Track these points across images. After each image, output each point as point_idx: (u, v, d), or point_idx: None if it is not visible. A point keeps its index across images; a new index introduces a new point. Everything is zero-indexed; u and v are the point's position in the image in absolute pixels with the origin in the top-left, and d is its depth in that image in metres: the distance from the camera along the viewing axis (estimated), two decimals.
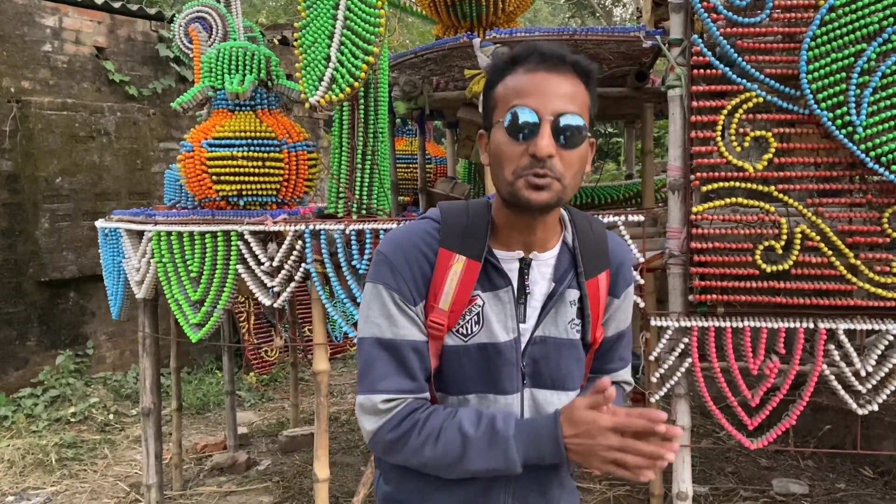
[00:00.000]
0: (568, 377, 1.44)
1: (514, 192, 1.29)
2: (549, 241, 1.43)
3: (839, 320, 2.63)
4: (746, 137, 2.61)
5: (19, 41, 5.95)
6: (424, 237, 1.40)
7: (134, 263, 3.44)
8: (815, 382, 2.70)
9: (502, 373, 1.39)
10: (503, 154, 1.30)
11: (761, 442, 2.80)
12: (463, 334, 1.39)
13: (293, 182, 3.39)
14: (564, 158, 1.28)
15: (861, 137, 2.50)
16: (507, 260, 1.40)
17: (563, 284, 1.42)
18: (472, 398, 1.40)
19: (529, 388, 1.42)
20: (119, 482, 4.57)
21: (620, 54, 3.14)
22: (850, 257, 2.58)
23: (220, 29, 3.93)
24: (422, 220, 1.45)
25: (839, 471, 4.35)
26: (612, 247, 1.51)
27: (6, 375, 5.85)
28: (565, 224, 1.47)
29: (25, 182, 5.97)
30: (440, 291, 1.38)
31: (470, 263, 1.37)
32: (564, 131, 1.27)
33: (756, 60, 2.60)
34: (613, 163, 11.22)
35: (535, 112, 1.27)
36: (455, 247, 1.38)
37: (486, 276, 1.39)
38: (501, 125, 1.30)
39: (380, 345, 1.37)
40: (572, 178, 1.31)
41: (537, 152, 1.25)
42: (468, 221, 1.41)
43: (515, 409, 1.40)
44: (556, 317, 1.42)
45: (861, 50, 2.48)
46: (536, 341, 1.42)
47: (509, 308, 1.40)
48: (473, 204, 1.45)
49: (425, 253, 1.39)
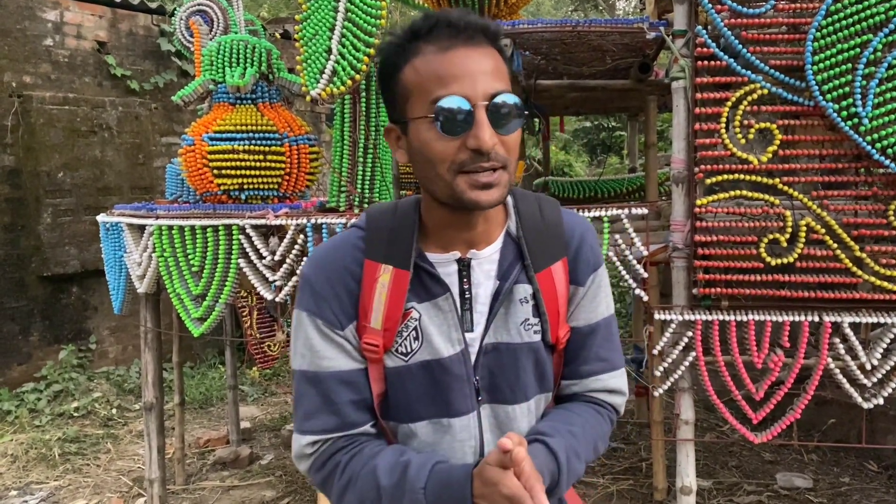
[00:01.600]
0: (529, 385, 1.28)
1: (457, 194, 1.13)
2: (493, 233, 1.27)
3: (844, 313, 2.61)
4: (751, 129, 2.59)
5: (20, 35, 5.93)
6: (348, 250, 1.25)
7: (135, 258, 3.43)
8: (820, 376, 2.69)
9: (452, 391, 1.23)
10: (434, 152, 1.13)
11: (765, 436, 2.79)
12: (403, 353, 1.24)
13: (295, 176, 3.38)
14: (506, 143, 1.14)
15: (867, 129, 2.48)
16: (443, 263, 1.24)
17: (508, 281, 1.24)
18: (424, 426, 1.24)
19: (488, 405, 1.26)
20: (122, 476, 4.57)
21: (624, 46, 3.12)
22: (856, 250, 2.56)
23: (221, 22, 3.91)
24: (348, 231, 1.30)
25: (843, 465, 4.33)
26: (568, 229, 1.32)
27: (9, 370, 5.85)
28: (508, 211, 1.30)
29: (27, 177, 5.95)
30: (370, 309, 1.22)
31: (398, 273, 1.21)
32: (502, 114, 1.12)
33: (761, 51, 2.58)
34: (617, 156, 11.20)
35: (467, 99, 1.10)
36: (380, 256, 1.23)
37: (421, 285, 1.23)
38: (427, 121, 1.12)
39: (305, 379, 1.25)
40: (515, 162, 1.17)
41: (481, 146, 1.10)
42: (394, 225, 1.25)
43: (472, 431, 1.25)
44: (507, 319, 1.25)
45: (867, 40, 2.46)
46: (488, 350, 1.25)
47: (451, 317, 1.23)
48: (402, 204, 1.29)
49: (349, 268, 1.23)
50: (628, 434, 4.94)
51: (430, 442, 1.25)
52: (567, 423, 1.28)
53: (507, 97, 1.12)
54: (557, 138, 11.65)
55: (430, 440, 1.25)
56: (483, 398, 1.26)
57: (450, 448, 1.24)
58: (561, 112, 5.03)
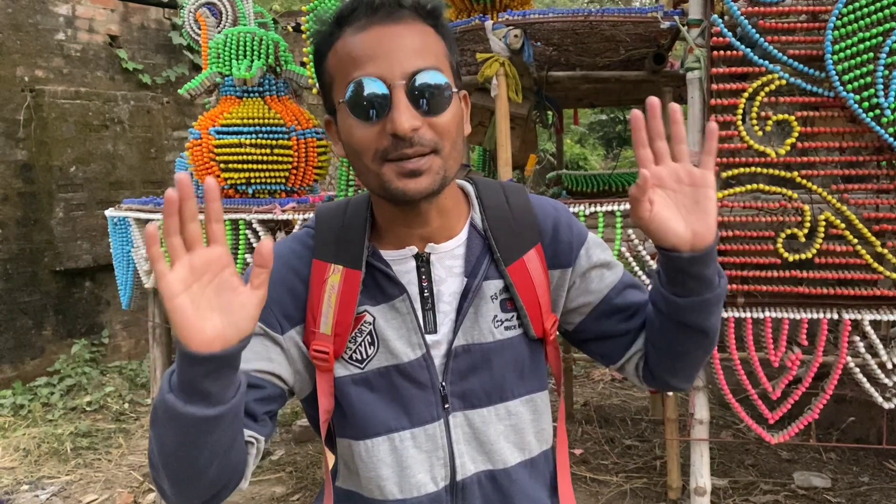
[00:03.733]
0: (506, 386, 1.18)
1: (384, 184, 1.05)
2: (453, 228, 1.17)
3: (864, 310, 2.54)
4: (768, 121, 2.52)
5: (33, 30, 5.93)
6: (296, 250, 1.17)
7: (143, 252, 3.41)
8: (839, 375, 2.62)
9: (415, 399, 1.14)
10: (356, 140, 1.04)
11: (782, 436, 2.72)
12: (357, 360, 1.14)
13: (302, 170, 3.34)
14: (435, 126, 1.03)
15: (889, 120, 2.40)
16: (399, 261, 1.15)
17: (477, 278, 1.15)
18: (383, 441, 1.14)
19: (461, 412, 1.16)
20: (132, 471, 4.56)
21: (637, 36, 3.05)
22: (877, 245, 2.49)
23: (230, 14, 3.87)
24: (300, 230, 1.22)
25: (863, 464, 4.24)
26: (539, 212, 1.22)
27: (23, 364, 5.87)
28: (471, 202, 1.20)
29: (39, 171, 5.96)
30: (318, 313, 1.12)
31: (349, 273, 1.12)
32: (424, 93, 1.02)
33: (779, 41, 2.51)
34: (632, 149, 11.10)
35: (381, 80, 1.01)
36: (329, 256, 1.14)
37: (375, 286, 1.14)
38: (345, 107, 1.04)
39: None
40: (452, 145, 1.06)
41: (397, 130, 1.00)
42: (344, 223, 1.16)
43: (440, 442, 1.15)
44: (478, 318, 1.16)
45: (890, 29, 2.38)
46: (459, 353, 1.15)
47: (410, 319, 1.13)
48: (354, 200, 1.20)
49: (296, 269, 1.15)
50: (643, 431, 4.87)
51: (392, 461, 1.15)
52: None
53: (431, 75, 1.02)
54: (574, 131, 11.57)
55: (392, 457, 1.15)
56: (453, 405, 1.16)
57: (414, 463, 1.14)
58: (575, 104, 4.95)
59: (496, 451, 1.18)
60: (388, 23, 1.04)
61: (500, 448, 1.18)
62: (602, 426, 4.99)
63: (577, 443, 4.74)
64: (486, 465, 1.18)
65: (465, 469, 1.17)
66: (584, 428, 4.96)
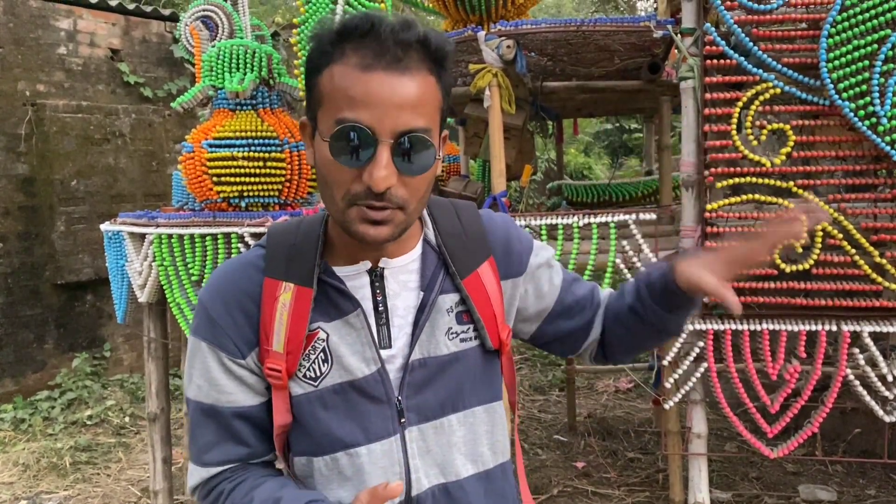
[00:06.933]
0: (459, 397, 1.20)
1: (346, 223, 1.07)
2: (407, 244, 1.19)
3: (864, 322, 2.50)
4: (763, 130, 2.49)
5: (34, 44, 5.95)
6: (246, 271, 1.17)
7: (136, 267, 3.39)
8: (840, 387, 2.57)
9: (370, 415, 1.15)
10: (330, 175, 1.06)
11: (781, 450, 2.67)
12: (311, 378, 1.15)
13: (296, 182, 3.31)
14: (409, 185, 1.05)
15: (885, 129, 2.37)
16: (352, 276, 1.16)
17: (433, 292, 1.17)
18: (340, 457, 1.15)
19: (415, 427, 1.17)
20: (131, 486, 4.54)
21: (631, 45, 3.02)
22: (876, 256, 2.45)
23: (227, 27, 3.86)
24: (250, 250, 1.22)
25: (869, 476, 4.18)
26: (489, 227, 1.26)
27: (24, 378, 5.86)
28: (424, 220, 1.23)
29: (41, 185, 5.97)
30: (271, 331, 1.13)
31: (300, 291, 1.13)
32: (409, 153, 1.03)
33: (773, 49, 2.48)
34: (637, 159, 11.06)
35: (371, 130, 1.01)
36: (280, 274, 1.14)
37: (329, 302, 1.15)
38: (327, 142, 1.04)
39: (202, 411, 1.17)
40: (419, 202, 1.09)
41: (373, 186, 1.01)
42: (295, 241, 1.17)
43: (395, 457, 1.16)
44: (434, 332, 1.17)
45: (885, 36, 2.35)
46: (415, 367, 1.16)
47: (364, 334, 1.14)
48: (307, 219, 1.22)
49: (247, 290, 1.15)
50: (646, 443, 4.82)
51: (348, 475, 1.16)
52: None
53: (419, 138, 1.03)
54: (579, 141, 11.53)
55: (348, 473, 1.16)
56: (409, 420, 1.17)
57: (371, 479, 1.14)
58: (573, 114, 4.93)
59: (449, 462, 1.20)
60: (392, 70, 1.02)
61: (452, 459, 1.20)
62: (605, 438, 4.93)
63: (580, 456, 4.69)
64: (440, 479, 1.19)
65: (420, 484, 1.17)
66: (587, 440, 4.91)
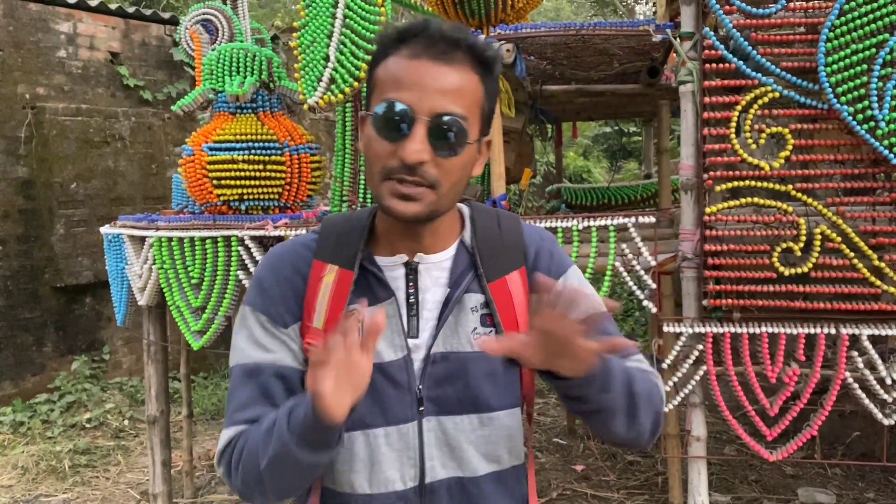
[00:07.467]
0: (481, 397, 1.23)
1: (379, 197, 1.16)
2: (444, 243, 1.26)
3: (863, 325, 2.50)
4: (762, 134, 2.49)
5: (34, 47, 5.95)
6: (300, 251, 1.27)
7: (136, 270, 3.39)
8: (839, 390, 2.58)
9: (391, 399, 1.21)
10: (372, 151, 1.16)
11: (780, 453, 2.67)
12: None
13: (296, 185, 3.32)
14: (442, 166, 1.13)
15: (884, 133, 2.37)
16: (390, 267, 1.24)
17: (459, 289, 1.23)
18: (358, 435, 1.21)
19: (434, 417, 1.22)
20: (130, 490, 4.54)
21: (630, 49, 3.03)
22: (874, 259, 2.45)
23: (226, 31, 3.87)
24: (306, 234, 1.32)
25: (869, 479, 4.18)
26: (529, 239, 1.31)
27: (23, 381, 5.86)
28: (464, 222, 1.30)
29: (41, 188, 5.97)
30: (313, 309, 1.22)
31: (342, 273, 1.22)
32: (443, 135, 1.11)
33: (772, 53, 2.48)
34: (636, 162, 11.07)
35: (410, 108, 1.11)
36: (327, 256, 1.24)
37: (367, 287, 1.22)
38: (372, 118, 1.15)
39: (244, 372, 1.23)
40: (451, 187, 1.16)
41: (405, 158, 1.10)
42: (345, 229, 1.27)
43: (411, 442, 1.21)
44: (457, 327, 1.23)
45: (883, 40, 2.35)
46: (437, 359, 1.22)
47: (395, 322, 1.21)
48: (360, 211, 1.32)
49: (298, 268, 1.25)
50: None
51: (365, 455, 1.21)
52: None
53: (454, 121, 1.12)
54: (578, 144, 11.54)
55: (366, 452, 1.22)
56: (428, 409, 1.22)
57: (387, 460, 1.21)
58: (573, 118, 4.94)
59: (466, 459, 1.23)
60: (438, 60, 1.13)
61: (470, 457, 1.23)
62: (604, 441, 4.93)
63: (579, 459, 4.69)
64: (457, 472, 1.23)
65: (436, 473, 1.22)
66: (586, 443, 4.91)
